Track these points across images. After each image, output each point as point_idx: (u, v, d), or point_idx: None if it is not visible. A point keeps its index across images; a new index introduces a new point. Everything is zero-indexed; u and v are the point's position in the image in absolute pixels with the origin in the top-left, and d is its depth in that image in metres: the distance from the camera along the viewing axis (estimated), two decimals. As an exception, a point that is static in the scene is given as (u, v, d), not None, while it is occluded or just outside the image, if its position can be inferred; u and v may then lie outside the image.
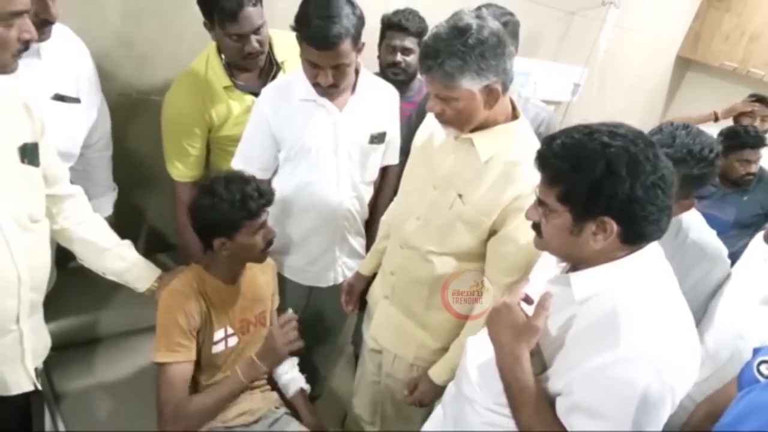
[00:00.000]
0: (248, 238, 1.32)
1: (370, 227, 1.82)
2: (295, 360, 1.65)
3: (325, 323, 1.96)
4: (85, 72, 1.48)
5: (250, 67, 1.64)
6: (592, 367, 0.84)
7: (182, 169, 1.70)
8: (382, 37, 2.05)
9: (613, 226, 0.85)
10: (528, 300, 1.01)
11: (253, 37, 1.54)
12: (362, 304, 1.71)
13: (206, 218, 1.32)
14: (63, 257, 1.44)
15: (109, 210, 1.72)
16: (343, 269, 1.78)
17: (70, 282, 1.56)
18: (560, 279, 0.97)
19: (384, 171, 1.76)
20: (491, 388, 1.00)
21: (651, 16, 3.72)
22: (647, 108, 4.33)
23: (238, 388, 1.38)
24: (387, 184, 1.82)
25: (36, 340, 1.21)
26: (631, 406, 0.81)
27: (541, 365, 0.95)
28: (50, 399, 1.51)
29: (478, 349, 1.10)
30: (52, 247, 1.24)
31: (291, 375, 1.62)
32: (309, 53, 1.38)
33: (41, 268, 1.17)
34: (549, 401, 0.92)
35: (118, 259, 1.38)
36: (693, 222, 1.34)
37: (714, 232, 1.34)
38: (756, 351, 1.01)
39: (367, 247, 1.80)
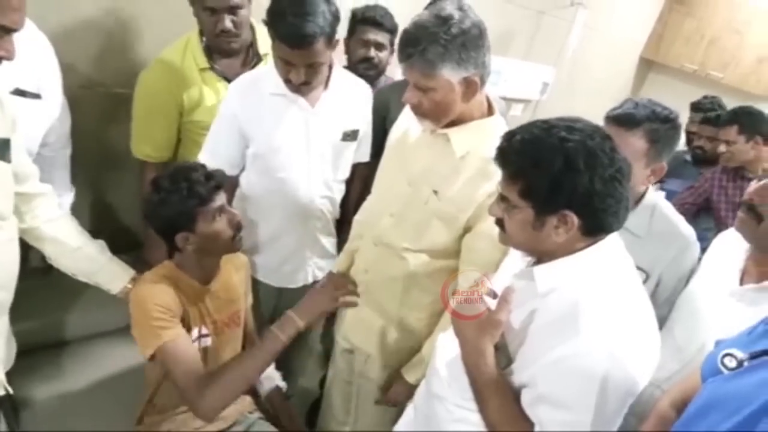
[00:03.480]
0: (209, 225, 1.26)
1: (341, 225, 1.79)
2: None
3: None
4: (46, 67, 1.42)
5: (224, 48, 1.62)
6: (553, 358, 0.86)
7: (148, 149, 1.67)
8: (352, 31, 2.03)
9: (574, 220, 0.87)
10: (492, 294, 1.02)
11: (228, 16, 1.52)
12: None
13: (160, 215, 1.26)
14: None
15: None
16: (313, 269, 1.76)
17: (32, 283, 1.49)
18: (524, 273, 0.99)
19: (354, 168, 1.74)
20: (459, 384, 1.00)
21: (617, 17, 3.81)
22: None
23: (277, 348, 1.27)
24: (357, 181, 1.80)
25: (4, 342, 1.17)
26: (593, 395, 0.83)
27: (506, 359, 0.96)
28: (6, 405, 1.44)
29: (446, 347, 1.10)
30: None
31: (266, 372, 1.55)
32: (282, 50, 1.35)
33: (9, 266, 1.13)
34: (514, 394, 0.93)
35: (90, 260, 1.34)
36: (665, 206, 1.41)
37: (683, 218, 1.41)
38: (718, 343, 1.03)
39: (338, 247, 1.78)
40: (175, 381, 1.21)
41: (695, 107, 2.89)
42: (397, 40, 1.89)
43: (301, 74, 1.38)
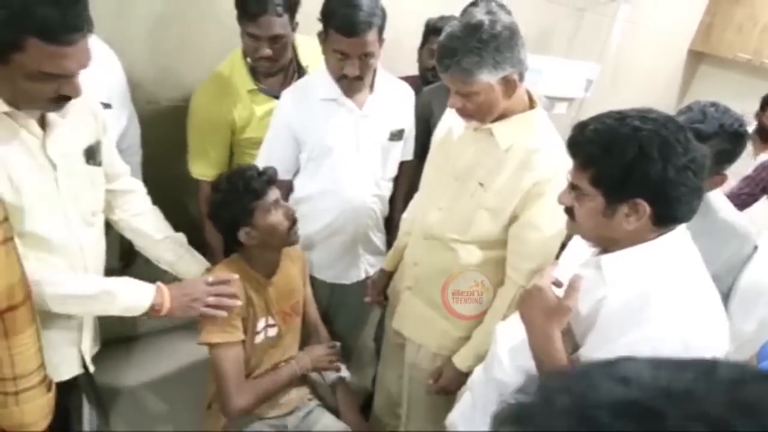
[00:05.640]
0: (266, 218, 1.38)
1: (389, 222, 1.86)
2: (335, 345, 1.65)
3: (348, 319, 1.99)
4: (115, 79, 1.55)
5: (262, 70, 1.69)
6: (624, 343, 0.87)
7: (202, 168, 1.77)
8: (425, 41, 2.08)
9: (646, 208, 0.87)
10: (557, 283, 1.03)
11: (268, 44, 1.58)
12: (386, 299, 1.74)
13: (222, 214, 1.39)
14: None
15: None
16: (365, 266, 1.83)
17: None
18: (591, 262, 1.00)
19: (400, 166, 1.80)
20: (524, 370, 1.03)
21: (661, 10, 3.72)
22: (660, 103, 4.31)
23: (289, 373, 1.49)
24: (403, 178, 1.86)
25: (91, 326, 1.30)
26: None
27: (572, 344, 0.98)
28: (90, 390, 1.56)
29: (508, 335, 1.13)
30: None
31: None
32: (337, 42, 1.42)
33: (99, 257, 1.27)
34: None
35: (171, 251, 1.45)
36: (721, 202, 1.38)
37: (738, 215, 1.38)
38: None
39: (388, 243, 1.84)
40: (218, 379, 1.35)
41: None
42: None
43: (356, 66, 1.45)
